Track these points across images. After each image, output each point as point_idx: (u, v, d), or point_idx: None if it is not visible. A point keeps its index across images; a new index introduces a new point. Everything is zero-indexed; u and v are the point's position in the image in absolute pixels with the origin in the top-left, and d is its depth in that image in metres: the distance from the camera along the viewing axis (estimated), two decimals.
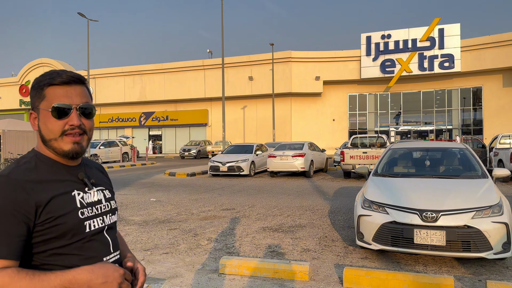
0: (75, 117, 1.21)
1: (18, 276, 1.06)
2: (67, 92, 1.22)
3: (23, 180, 1.14)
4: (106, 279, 1.11)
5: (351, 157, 14.02)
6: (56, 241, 1.16)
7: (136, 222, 7.62)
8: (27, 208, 1.12)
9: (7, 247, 1.08)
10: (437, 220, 4.45)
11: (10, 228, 1.09)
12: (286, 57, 36.79)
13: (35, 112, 1.23)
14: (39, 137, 1.24)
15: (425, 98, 36.54)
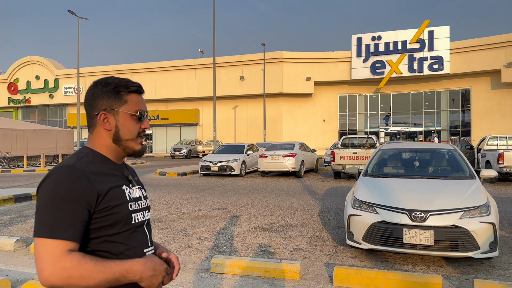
0: (147, 122, 1.40)
1: (84, 260, 1.16)
2: (142, 100, 1.40)
3: (87, 171, 1.25)
4: (154, 272, 1.25)
5: (341, 158, 14.12)
6: (109, 229, 1.27)
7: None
8: (91, 196, 1.22)
9: (74, 230, 1.18)
10: (426, 220, 4.52)
11: (76, 214, 1.19)
12: (278, 57, 36.89)
13: (110, 113, 1.34)
14: (113, 135, 1.34)
15: (414, 99, 36.91)
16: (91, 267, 1.15)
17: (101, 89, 1.34)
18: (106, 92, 1.34)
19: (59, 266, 1.13)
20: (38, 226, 1.17)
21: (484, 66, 32.97)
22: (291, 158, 15.34)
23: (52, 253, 1.14)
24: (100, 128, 1.34)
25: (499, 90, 33.55)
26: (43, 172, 19.72)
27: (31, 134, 22.65)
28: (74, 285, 1.15)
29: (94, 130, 1.36)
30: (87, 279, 1.15)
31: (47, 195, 1.19)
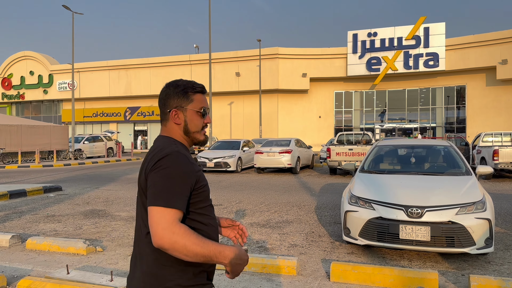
0: (209, 117, 1.65)
1: (190, 231, 1.38)
2: (204, 99, 1.63)
3: (187, 155, 1.52)
4: (240, 261, 1.45)
5: (337, 154, 14.14)
6: (201, 203, 1.53)
7: (122, 218, 7.57)
8: (193, 176, 1.48)
9: (183, 202, 1.42)
10: (422, 216, 4.54)
11: (184, 189, 1.44)
12: (273, 53, 36.83)
13: (180, 110, 1.58)
14: (183, 128, 1.60)
15: (410, 96, 37.01)
16: (194, 239, 1.36)
17: (173, 90, 1.59)
18: (176, 93, 1.58)
19: (170, 230, 1.35)
20: (155, 197, 1.39)
21: (479, 63, 33.10)
22: (287, 154, 15.35)
23: (166, 219, 1.36)
24: (172, 122, 1.59)
25: (494, 87, 33.71)
26: (38, 168, 19.61)
27: (25, 130, 22.49)
28: (178, 251, 1.35)
29: (167, 123, 1.61)
30: (188, 248, 1.35)
31: (165, 173, 1.42)
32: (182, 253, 1.35)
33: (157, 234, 1.34)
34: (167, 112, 1.59)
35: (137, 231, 1.55)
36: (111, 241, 5.91)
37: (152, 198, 1.40)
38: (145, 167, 1.49)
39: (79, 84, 44.16)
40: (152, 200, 1.39)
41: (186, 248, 1.34)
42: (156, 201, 1.38)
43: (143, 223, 1.49)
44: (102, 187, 12.11)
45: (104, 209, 8.48)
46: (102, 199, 9.80)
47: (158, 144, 1.55)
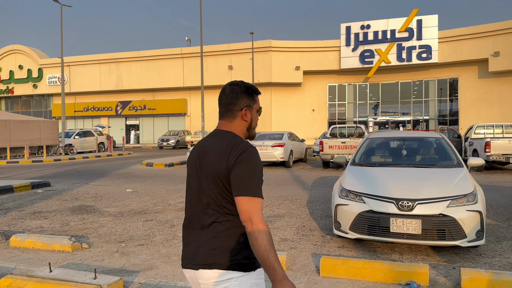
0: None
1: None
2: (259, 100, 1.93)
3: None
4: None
5: (330, 147, 14.08)
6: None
7: (111, 214, 7.44)
8: (262, 169, 1.70)
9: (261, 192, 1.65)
10: (413, 209, 4.47)
11: (261, 181, 1.67)
12: (266, 46, 36.60)
13: (248, 110, 1.79)
14: (248, 125, 1.81)
15: (403, 89, 37.03)
16: (269, 233, 1.58)
17: (243, 91, 1.78)
18: (247, 94, 1.78)
19: (261, 217, 1.58)
20: (246, 188, 1.59)
21: (472, 55, 33.15)
22: (279, 148, 15.26)
23: (257, 207, 1.58)
24: (240, 119, 1.78)
25: (487, 79, 33.82)
26: (27, 164, 19.35)
27: (14, 125, 22.16)
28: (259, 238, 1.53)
29: (233, 120, 1.78)
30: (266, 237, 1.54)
31: (251, 166, 1.62)
32: (259, 237, 1.53)
33: (257, 220, 1.55)
34: (236, 110, 1.77)
35: (202, 211, 1.73)
36: (98, 237, 5.79)
37: (242, 188, 1.60)
38: (227, 159, 1.65)
39: (69, 78, 43.64)
40: (243, 190, 1.60)
41: (265, 236, 1.54)
42: (246, 191, 1.59)
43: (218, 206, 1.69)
44: (92, 183, 11.95)
45: (92, 205, 8.34)
46: (91, 195, 9.66)
47: (226, 137, 1.72)
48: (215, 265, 1.65)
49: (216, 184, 1.68)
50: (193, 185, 1.78)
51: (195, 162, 1.77)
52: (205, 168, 1.71)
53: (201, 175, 1.73)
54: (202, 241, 1.70)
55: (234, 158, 1.62)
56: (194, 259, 1.70)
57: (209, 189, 1.70)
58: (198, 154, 1.77)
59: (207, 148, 1.74)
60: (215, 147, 1.70)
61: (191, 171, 1.80)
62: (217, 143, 1.71)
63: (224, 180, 1.66)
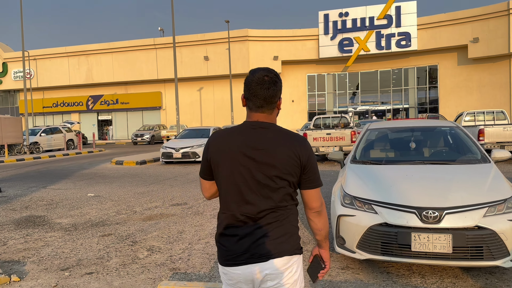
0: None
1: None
2: None
3: None
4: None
5: (314, 139, 13.07)
6: None
7: (62, 227, 6.19)
8: None
9: None
10: (441, 220, 3.45)
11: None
12: (243, 35, 35.28)
13: (280, 99, 1.80)
14: (277, 114, 1.83)
15: (382, 77, 36.45)
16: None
17: (280, 82, 1.77)
18: (281, 84, 1.79)
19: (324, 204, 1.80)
20: (318, 180, 1.76)
21: (451, 41, 32.74)
22: None
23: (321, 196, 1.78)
24: (276, 110, 1.80)
25: (466, 66, 33.51)
26: None
27: None
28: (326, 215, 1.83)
29: (273, 112, 1.79)
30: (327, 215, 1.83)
31: (314, 157, 1.76)
32: (327, 217, 1.81)
33: (323, 203, 1.78)
34: (276, 101, 1.76)
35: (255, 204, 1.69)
36: (38, 263, 4.56)
37: (317, 181, 1.74)
38: (299, 154, 1.68)
39: (36, 73, 41.26)
40: (318, 182, 1.75)
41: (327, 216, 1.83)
42: (319, 183, 1.75)
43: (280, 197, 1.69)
44: (51, 186, 10.58)
45: (43, 215, 7.06)
46: (46, 202, 8.34)
47: (283, 131, 1.74)
48: (285, 252, 1.69)
49: (282, 177, 1.67)
50: (239, 180, 1.70)
51: (240, 157, 1.68)
52: (265, 162, 1.67)
53: (257, 169, 1.68)
54: (263, 232, 1.68)
55: (307, 154, 1.70)
56: (257, 251, 1.68)
57: (270, 183, 1.67)
58: (246, 147, 1.68)
59: (259, 141, 1.69)
60: (276, 141, 1.69)
61: (233, 166, 1.70)
62: (276, 136, 1.71)
63: (294, 174, 1.68)
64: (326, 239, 1.81)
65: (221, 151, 1.71)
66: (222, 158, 1.70)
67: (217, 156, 1.72)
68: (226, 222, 1.73)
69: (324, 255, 1.83)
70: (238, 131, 1.73)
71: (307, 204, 1.73)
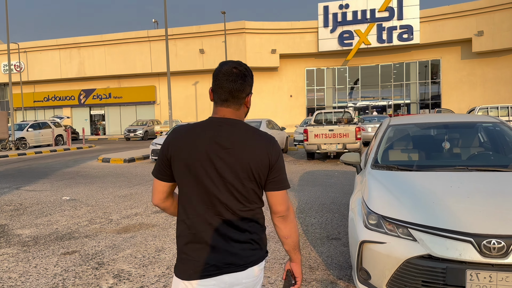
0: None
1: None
2: None
3: None
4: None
5: (316, 136, 12.08)
6: None
7: (21, 240, 5.18)
8: None
9: None
10: (509, 253, 2.46)
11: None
12: (240, 27, 34.16)
13: (250, 96, 1.63)
14: (246, 112, 1.65)
15: (383, 72, 35.45)
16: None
17: (250, 76, 1.60)
18: (252, 79, 1.61)
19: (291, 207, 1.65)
20: (285, 181, 1.60)
21: (454, 35, 31.75)
22: None
23: (288, 198, 1.62)
24: (244, 107, 1.61)
25: (469, 60, 32.54)
26: None
27: None
28: (294, 221, 1.66)
29: (240, 108, 1.60)
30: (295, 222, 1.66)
31: (282, 158, 1.62)
32: (295, 224, 1.66)
33: (289, 208, 1.62)
34: (244, 97, 1.59)
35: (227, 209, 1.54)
36: None
37: (284, 182, 1.59)
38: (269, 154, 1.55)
39: (26, 66, 40.02)
40: (285, 184, 1.59)
41: (295, 221, 1.67)
42: (286, 184, 1.60)
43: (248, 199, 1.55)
44: (25, 186, 9.55)
45: (4, 224, 6.05)
46: (13, 207, 7.32)
47: (251, 128, 1.58)
48: (260, 259, 1.60)
49: (251, 178, 1.54)
50: (206, 182, 1.51)
51: (206, 157, 1.50)
52: (233, 162, 1.51)
53: (225, 169, 1.51)
54: (238, 239, 1.54)
55: (277, 153, 1.57)
56: (237, 261, 1.53)
57: (238, 184, 1.53)
58: (212, 146, 1.51)
59: (226, 140, 1.52)
60: (244, 139, 1.54)
61: (199, 166, 1.51)
62: (243, 134, 1.55)
63: (262, 174, 1.55)
64: (295, 250, 1.67)
65: (185, 149, 1.54)
66: (185, 157, 1.53)
67: (180, 155, 1.54)
68: (193, 229, 1.55)
69: (294, 269, 1.70)
70: (203, 128, 1.57)
71: (272, 208, 1.61)
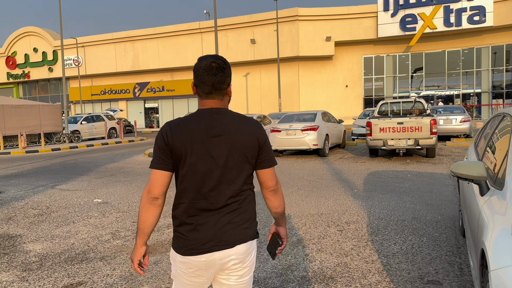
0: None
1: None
2: None
3: None
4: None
5: (381, 130, 10.45)
6: None
7: (25, 261, 4.26)
8: None
9: None
10: None
11: None
12: (293, 15, 32.54)
13: (230, 86, 1.75)
14: (229, 100, 1.77)
15: (450, 58, 32.31)
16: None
17: (228, 68, 1.71)
18: (230, 70, 1.72)
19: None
20: (273, 159, 1.77)
21: None
22: (312, 132, 11.77)
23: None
24: (227, 96, 1.74)
25: None
26: (19, 156, 16.71)
27: (8, 110, 19.54)
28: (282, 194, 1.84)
29: (224, 98, 1.72)
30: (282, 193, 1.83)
31: (268, 139, 1.77)
32: (282, 196, 1.83)
33: (278, 182, 1.78)
34: (225, 87, 1.70)
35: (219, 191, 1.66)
36: None
37: (272, 160, 1.76)
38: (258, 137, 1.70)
39: (84, 60, 41.19)
40: (273, 161, 1.76)
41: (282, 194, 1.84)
42: (274, 162, 1.77)
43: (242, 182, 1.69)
44: (61, 185, 8.90)
45: (19, 235, 5.22)
46: (39, 210, 6.56)
47: (239, 115, 1.72)
48: (248, 238, 1.70)
49: (244, 161, 1.68)
50: (202, 167, 1.64)
51: (202, 144, 1.64)
52: (227, 147, 1.65)
53: (220, 155, 1.64)
54: (228, 219, 1.66)
55: (264, 135, 1.72)
56: (227, 238, 1.65)
57: (233, 168, 1.66)
58: (206, 134, 1.64)
59: (218, 127, 1.66)
60: (234, 125, 1.67)
61: (197, 154, 1.64)
62: (233, 121, 1.68)
63: (254, 156, 1.70)
64: (282, 217, 1.83)
65: (184, 138, 1.65)
66: (184, 146, 1.64)
67: (180, 144, 1.64)
68: (188, 211, 1.67)
69: (281, 232, 1.87)
70: (197, 119, 1.68)
71: (263, 184, 1.75)
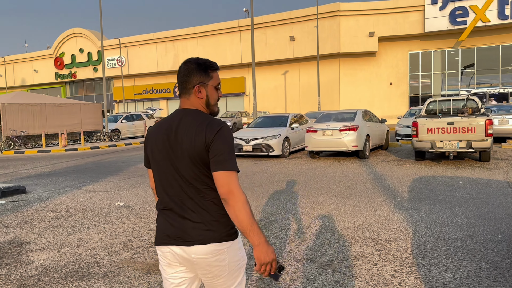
0: (220, 91, 1.85)
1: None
2: (218, 75, 1.84)
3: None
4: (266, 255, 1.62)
5: (429, 131, 9.47)
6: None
7: (24, 274, 3.88)
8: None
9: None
10: None
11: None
12: (333, 10, 31.46)
13: (202, 86, 1.75)
14: (205, 102, 1.76)
15: (504, 53, 30.04)
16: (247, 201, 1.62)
17: (195, 67, 1.74)
18: (199, 70, 1.74)
19: (239, 189, 1.61)
20: (230, 163, 1.62)
21: None
22: (351, 132, 10.95)
23: (236, 180, 1.62)
24: (195, 97, 1.75)
25: None
26: (58, 153, 17.01)
27: (50, 109, 20.04)
28: (241, 206, 1.59)
29: (190, 97, 1.76)
30: (248, 205, 1.60)
31: (227, 142, 1.65)
32: (242, 208, 1.59)
33: (238, 191, 1.59)
34: (190, 87, 1.75)
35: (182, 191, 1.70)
36: None
37: (222, 163, 1.61)
38: (204, 135, 1.63)
39: (127, 60, 42.12)
40: (229, 165, 1.61)
41: (244, 205, 1.59)
42: (232, 166, 1.62)
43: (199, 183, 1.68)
44: (88, 185, 8.69)
45: (29, 241, 4.90)
46: (57, 214, 6.28)
47: (197, 116, 1.70)
48: (210, 240, 1.66)
49: (194, 162, 1.67)
50: (163, 168, 1.73)
51: (163, 142, 1.72)
52: (180, 147, 1.68)
53: (176, 154, 1.69)
54: (192, 219, 1.67)
55: (212, 135, 1.63)
56: (185, 236, 1.68)
57: (188, 168, 1.68)
58: (167, 134, 1.71)
59: (176, 127, 1.70)
60: (187, 125, 1.69)
61: (159, 153, 1.73)
62: (188, 121, 1.69)
63: (202, 157, 1.65)
64: (245, 233, 1.61)
65: (150, 142, 1.77)
66: (150, 147, 1.76)
67: (148, 147, 1.79)
68: (160, 205, 1.77)
69: (253, 252, 1.69)
70: (166, 119, 1.77)
71: (216, 188, 1.66)
